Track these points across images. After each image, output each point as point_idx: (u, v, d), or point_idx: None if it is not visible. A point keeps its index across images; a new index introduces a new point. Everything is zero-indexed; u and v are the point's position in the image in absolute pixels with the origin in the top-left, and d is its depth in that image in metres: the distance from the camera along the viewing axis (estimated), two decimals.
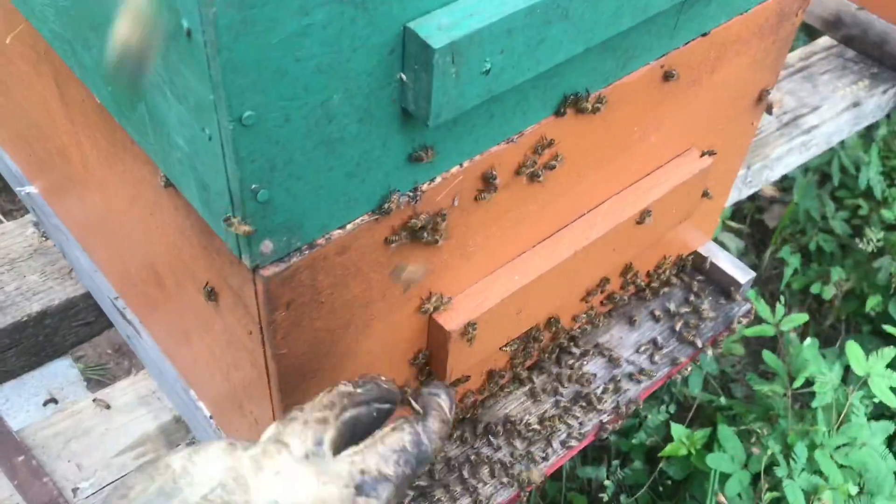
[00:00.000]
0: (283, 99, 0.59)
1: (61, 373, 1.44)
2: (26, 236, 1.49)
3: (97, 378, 1.56)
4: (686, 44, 0.92)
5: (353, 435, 0.67)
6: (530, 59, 0.69)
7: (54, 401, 1.40)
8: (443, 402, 0.73)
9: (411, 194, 0.76)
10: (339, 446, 0.65)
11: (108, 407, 1.26)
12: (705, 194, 1.16)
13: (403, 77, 0.65)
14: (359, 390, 0.69)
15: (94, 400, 1.26)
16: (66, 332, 1.42)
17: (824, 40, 1.97)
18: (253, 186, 0.62)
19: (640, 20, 0.76)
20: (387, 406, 0.71)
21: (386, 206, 0.74)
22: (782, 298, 2.17)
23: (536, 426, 1.16)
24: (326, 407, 0.66)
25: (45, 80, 0.99)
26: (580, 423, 1.18)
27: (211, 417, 1.12)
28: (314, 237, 0.71)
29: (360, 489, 0.62)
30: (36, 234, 1.49)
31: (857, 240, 2.35)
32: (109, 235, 1.13)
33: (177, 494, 0.59)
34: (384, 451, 0.65)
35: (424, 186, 0.77)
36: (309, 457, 0.63)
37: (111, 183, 0.97)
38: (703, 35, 0.93)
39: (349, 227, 0.73)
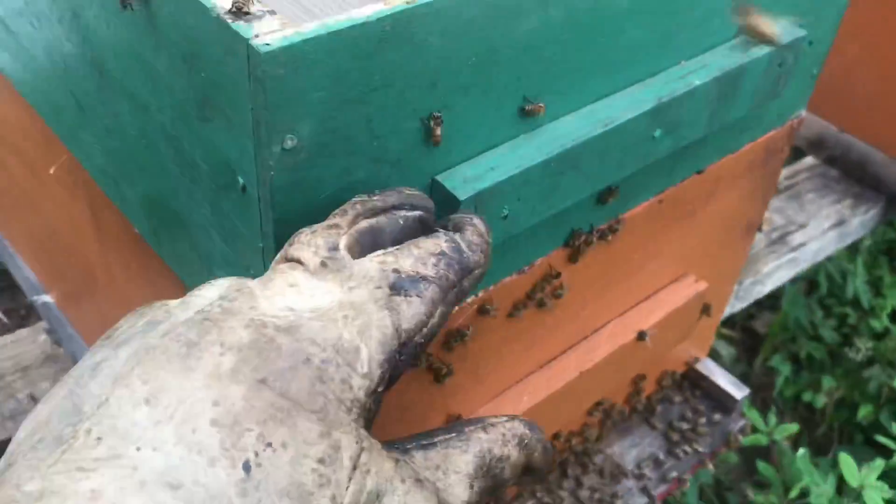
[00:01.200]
0: None
1: None
2: (38, 343, 1.52)
3: None
4: (682, 181, 0.99)
5: (375, 242, 0.56)
6: (543, 204, 0.75)
7: None
8: (477, 222, 0.60)
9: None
10: (357, 253, 0.54)
11: None
12: (705, 310, 1.21)
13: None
14: (375, 198, 0.58)
15: None
16: None
17: (809, 160, 2.08)
18: None
19: (641, 166, 0.83)
20: (416, 213, 0.59)
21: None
22: (774, 407, 2.20)
23: None
24: (336, 215, 0.56)
25: (80, 205, 1.05)
26: None
27: None
28: None
29: (395, 288, 0.51)
30: (48, 342, 1.52)
31: (846, 348, 2.40)
32: None
33: (162, 322, 0.49)
34: (420, 253, 0.54)
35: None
36: (326, 264, 0.52)
37: (138, 302, 1.02)
38: (698, 172, 1.01)
39: None
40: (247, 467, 0.43)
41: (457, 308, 0.83)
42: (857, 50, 1.80)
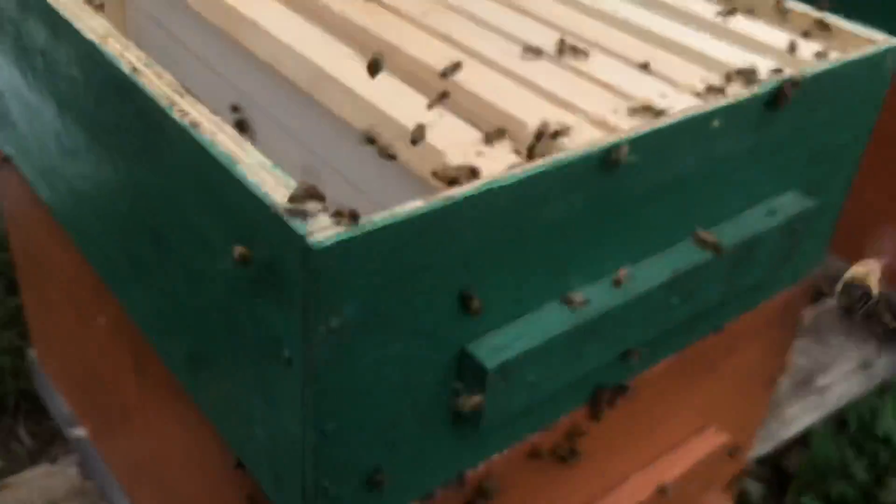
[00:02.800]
0: (361, 412, 0.68)
1: None
2: (68, 476, 1.55)
3: None
4: (701, 338, 1.03)
5: None
6: (568, 370, 0.79)
7: None
8: None
9: (457, 481, 0.84)
10: None
11: None
12: (732, 453, 1.22)
13: (458, 387, 0.75)
14: None
15: None
16: None
17: (832, 301, 2.10)
18: (325, 484, 0.70)
19: (661, 331, 0.87)
20: None
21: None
22: None
23: None
24: None
25: (122, 350, 1.10)
26: None
27: None
28: None
29: None
30: (77, 475, 1.55)
31: (879, 488, 2.34)
32: (159, 490, 1.20)
33: None
34: None
35: (469, 473, 0.85)
36: None
37: (173, 449, 1.06)
38: (716, 330, 1.04)
39: None
40: None
41: (482, 466, 0.86)
42: (877, 194, 1.86)
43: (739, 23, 1.04)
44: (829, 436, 2.52)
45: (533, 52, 0.92)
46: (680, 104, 0.82)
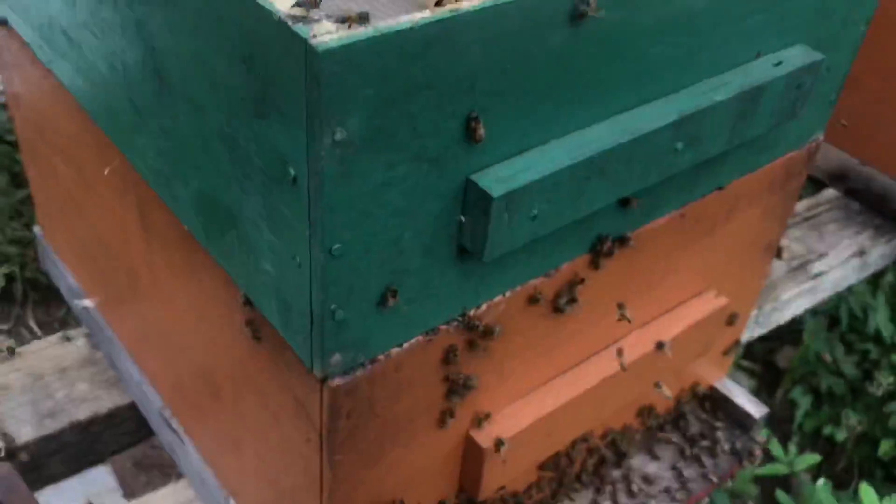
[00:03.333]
0: (366, 235, 0.70)
1: (99, 480, 1.50)
2: (77, 347, 1.58)
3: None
4: (703, 196, 1.03)
5: None
6: (571, 207, 0.80)
7: None
8: None
9: (460, 319, 0.86)
10: None
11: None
12: (731, 320, 1.25)
13: (463, 219, 0.76)
14: None
15: (122, 495, 1.32)
16: (108, 439, 1.49)
17: (830, 192, 2.11)
18: (332, 307, 0.72)
19: (665, 177, 0.88)
20: None
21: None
22: (794, 439, 2.21)
23: None
24: None
25: (128, 207, 1.11)
26: None
27: None
28: (376, 354, 0.80)
29: None
30: (87, 346, 1.58)
31: (867, 383, 2.41)
32: (167, 348, 1.22)
33: None
34: None
35: (472, 312, 0.87)
36: None
37: (180, 300, 1.08)
38: (719, 189, 1.05)
39: (406, 345, 0.82)
40: None
41: (485, 306, 0.88)
42: (879, 83, 1.84)
43: None
44: (821, 332, 2.57)
45: None
46: None
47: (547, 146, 0.77)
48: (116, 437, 1.50)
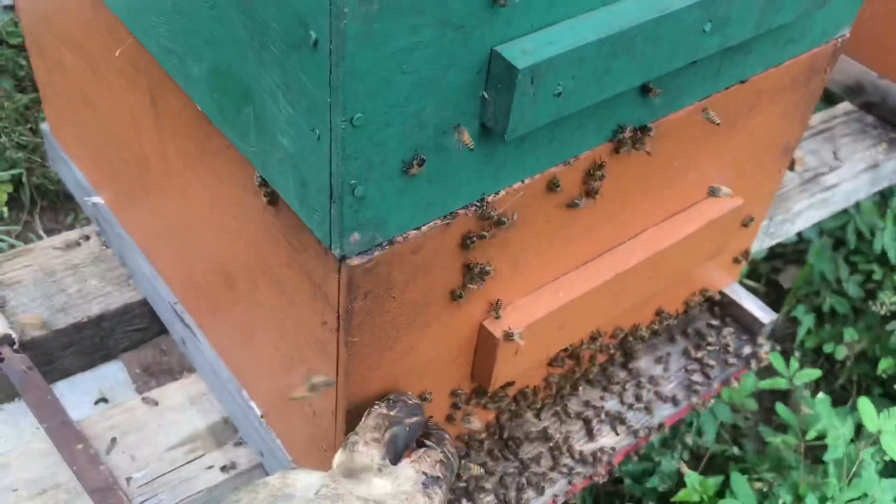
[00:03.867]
0: (388, 105, 0.68)
1: (112, 375, 1.52)
2: (89, 245, 1.58)
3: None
4: (726, 88, 1.01)
5: (396, 448, 0.87)
6: (596, 86, 0.78)
7: (105, 400, 1.47)
8: (448, 437, 0.94)
9: (478, 204, 0.85)
10: (391, 458, 0.86)
11: (156, 404, 1.33)
12: (745, 223, 1.24)
13: (486, 95, 0.74)
14: (392, 413, 0.89)
15: (142, 398, 1.34)
16: (119, 335, 1.50)
17: (845, 105, 2.08)
18: (352, 182, 0.71)
19: (691, 60, 0.85)
20: (415, 419, 0.91)
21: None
22: (796, 356, 2.23)
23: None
24: (374, 429, 0.87)
25: (139, 93, 1.09)
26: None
27: (262, 417, 1.19)
28: (394, 235, 0.79)
29: (425, 484, 0.84)
30: (97, 243, 1.58)
31: (870, 303, 2.42)
32: (179, 241, 1.22)
33: (293, 496, 0.76)
34: (431, 462, 0.87)
35: (490, 198, 0.86)
36: (381, 469, 0.83)
37: (193, 189, 1.06)
38: (742, 82, 1.03)
39: (424, 228, 0.82)
40: None
41: (504, 193, 0.86)
42: None
43: None
44: (827, 250, 2.57)
45: None
46: None
47: (574, 20, 0.75)
48: (128, 333, 1.51)
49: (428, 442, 0.91)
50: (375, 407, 0.90)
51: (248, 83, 0.77)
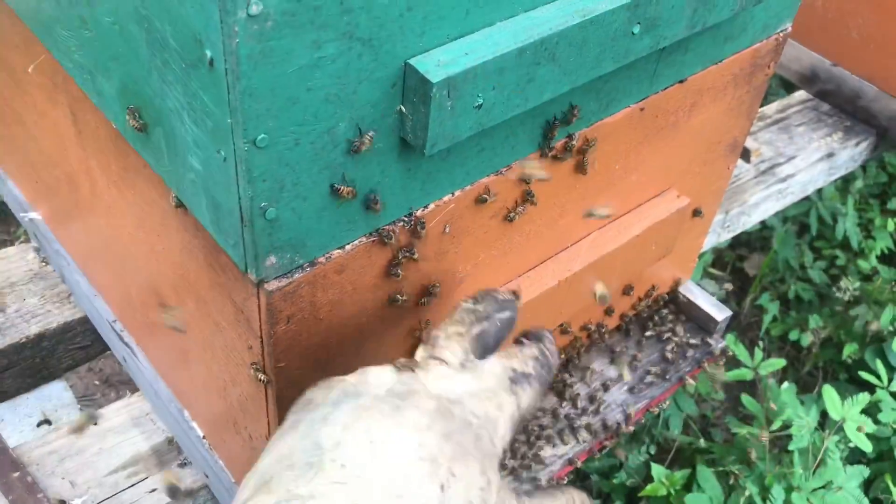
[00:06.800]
0: (294, 124, 0.64)
1: (56, 395, 1.47)
2: (27, 261, 1.53)
3: (84, 406, 1.59)
4: (664, 89, 0.99)
5: (485, 344, 0.78)
6: (519, 96, 0.75)
7: (48, 422, 1.43)
8: (549, 334, 0.83)
9: (406, 219, 0.82)
10: (478, 354, 0.77)
11: (95, 423, 1.28)
12: (696, 213, 1.22)
13: (403, 109, 0.71)
14: (479, 307, 0.80)
15: (80, 409, 1.29)
16: (62, 354, 1.45)
17: (800, 94, 2.06)
18: (262, 205, 0.67)
19: (621, 65, 0.82)
20: (507, 314, 0.81)
21: (386, 233, 0.79)
22: (761, 344, 2.22)
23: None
24: (458, 323, 0.78)
25: (60, 109, 1.04)
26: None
27: (204, 438, 1.15)
28: (315, 255, 0.76)
29: (513, 381, 0.76)
30: (36, 260, 1.53)
31: (834, 289, 2.42)
32: (112, 259, 1.18)
33: (363, 392, 0.69)
34: (522, 358, 0.78)
35: (419, 212, 0.82)
36: (465, 365, 0.75)
37: (119, 207, 1.02)
38: (681, 82, 1.00)
39: (348, 247, 0.78)
40: (442, 487, 0.64)
41: (433, 206, 0.83)
42: None
43: None
44: (791, 238, 2.57)
45: None
46: None
47: (493, 28, 0.72)
48: (70, 352, 1.46)
49: (525, 339, 0.81)
50: (462, 302, 0.80)
51: (155, 102, 0.73)
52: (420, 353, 0.76)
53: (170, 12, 0.62)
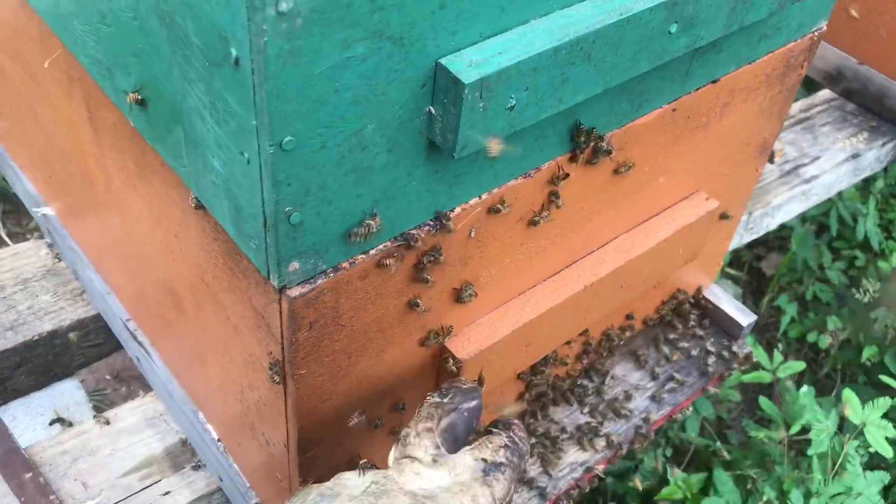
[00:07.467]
0: (321, 126, 0.62)
1: (68, 393, 1.45)
2: (40, 257, 1.51)
3: (95, 403, 1.57)
4: (697, 89, 0.95)
5: (455, 436, 0.80)
6: (553, 97, 0.72)
7: (60, 420, 1.41)
8: (517, 422, 0.84)
9: (432, 223, 0.79)
10: (449, 447, 0.79)
11: (107, 423, 1.26)
12: (724, 216, 1.19)
13: (433, 110, 0.68)
14: (445, 400, 0.81)
15: (94, 417, 1.27)
16: (74, 352, 1.43)
17: (825, 93, 2.03)
18: (287, 209, 0.65)
19: (656, 64, 0.79)
20: (473, 403, 0.83)
21: (412, 237, 0.77)
22: (779, 346, 2.19)
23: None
24: (426, 419, 0.79)
25: (76, 104, 1.02)
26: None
27: (219, 440, 1.13)
28: (339, 261, 0.73)
29: (486, 472, 0.76)
30: (49, 256, 1.51)
31: (853, 290, 2.38)
32: (127, 257, 1.15)
33: (339, 493, 0.71)
34: (493, 448, 0.79)
35: (444, 215, 0.80)
36: (436, 460, 0.76)
37: (135, 206, 1.00)
38: (714, 82, 0.97)
39: (372, 252, 0.76)
40: None
41: (460, 210, 0.81)
42: None
43: None
44: (810, 238, 2.53)
45: None
46: None
47: (527, 26, 0.69)
48: (83, 349, 1.44)
49: (494, 429, 0.82)
50: (428, 397, 0.82)
51: (176, 100, 0.71)
52: (393, 455, 0.78)
53: (193, 8, 0.60)
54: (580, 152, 0.86)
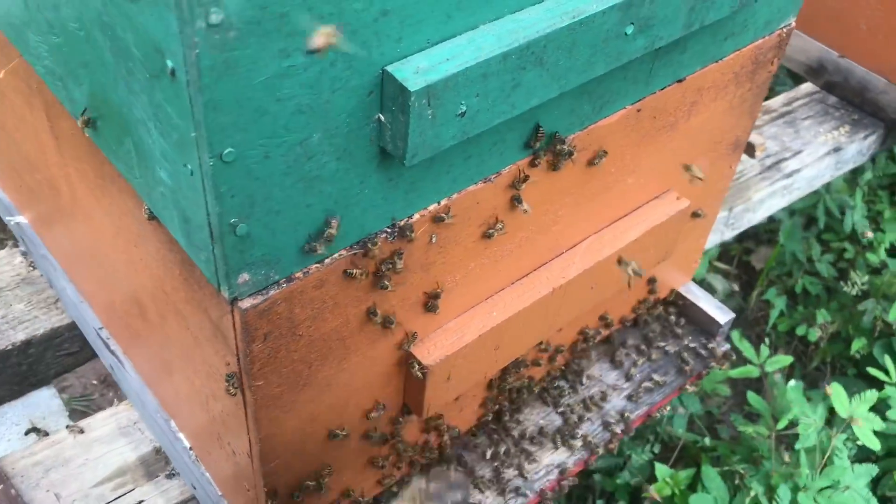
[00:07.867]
0: (263, 137, 0.61)
1: (44, 403, 1.44)
2: (14, 265, 1.50)
3: (82, 409, 1.56)
4: (662, 89, 0.94)
5: None
6: (505, 102, 0.71)
7: (36, 430, 1.40)
8: None
9: (389, 230, 0.78)
10: None
11: (81, 432, 1.25)
12: (696, 214, 1.18)
13: (381, 118, 0.67)
14: None
15: (67, 427, 1.26)
16: (50, 361, 1.43)
17: (807, 86, 2.02)
18: (232, 221, 0.64)
19: (614, 67, 0.79)
20: None
21: (369, 246, 0.76)
22: (768, 340, 2.18)
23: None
24: None
25: (37, 114, 1.01)
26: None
27: (191, 449, 1.13)
28: (292, 271, 0.73)
29: None
30: (24, 264, 1.50)
31: (842, 283, 2.37)
32: (95, 266, 1.15)
33: None
34: None
35: (402, 223, 0.79)
36: None
37: (98, 215, 0.99)
38: (679, 81, 0.96)
39: (327, 261, 0.75)
40: None
41: (418, 216, 0.80)
42: None
43: None
44: (798, 231, 2.52)
45: None
46: None
47: (475, 32, 0.68)
48: (58, 358, 1.43)
49: None
50: None
51: (123, 111, 0.70)
52: None
53: (131, 20, 0.59)
54: (542, 154, 0.85)
